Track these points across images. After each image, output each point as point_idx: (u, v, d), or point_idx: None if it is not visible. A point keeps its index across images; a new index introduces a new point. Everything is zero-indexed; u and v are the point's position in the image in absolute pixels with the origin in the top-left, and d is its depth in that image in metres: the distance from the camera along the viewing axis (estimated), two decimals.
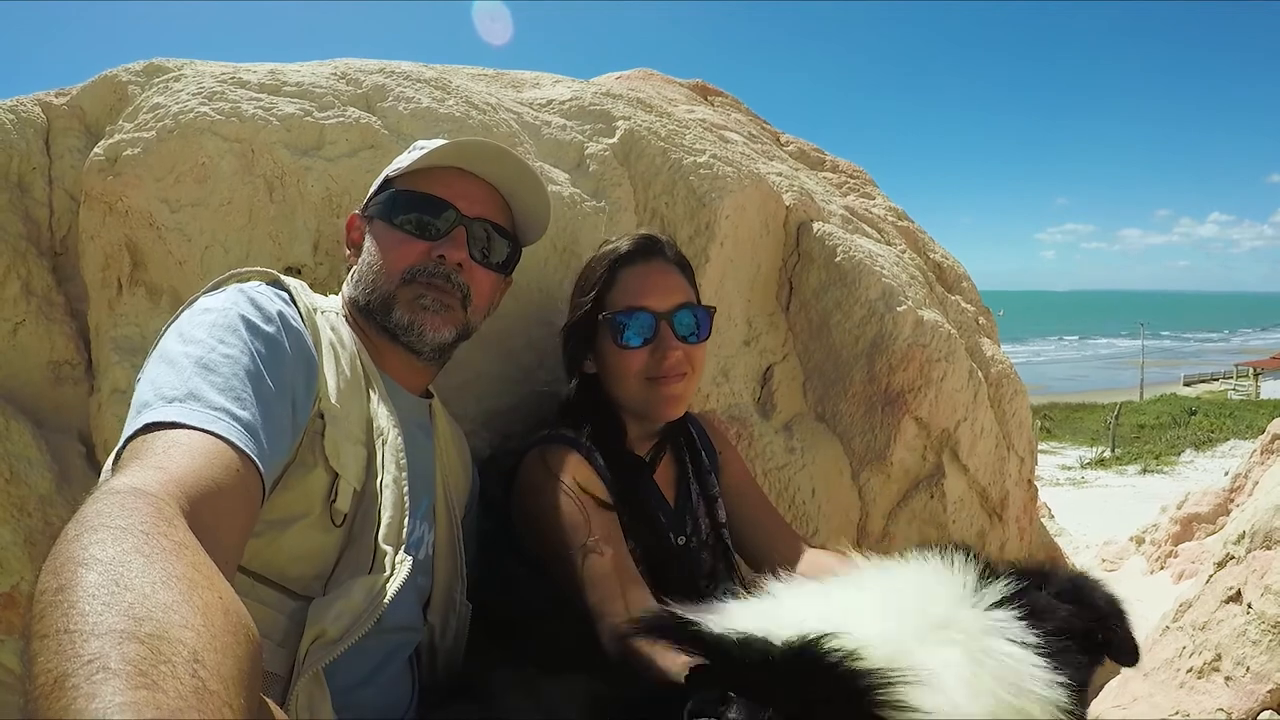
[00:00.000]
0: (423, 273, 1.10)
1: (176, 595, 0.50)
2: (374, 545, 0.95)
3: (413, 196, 1.13)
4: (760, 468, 1.84)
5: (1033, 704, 0.79)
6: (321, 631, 0.86)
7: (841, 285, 2.00)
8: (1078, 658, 1.13)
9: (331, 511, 0.94)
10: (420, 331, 1.09)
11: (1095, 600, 1.09)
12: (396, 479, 1.02)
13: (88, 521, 0.56)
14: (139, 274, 1.38)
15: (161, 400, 0.76)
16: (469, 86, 1.68)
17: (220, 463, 0.73)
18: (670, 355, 1.30)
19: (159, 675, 0.44)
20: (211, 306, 0.90)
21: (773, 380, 1.97)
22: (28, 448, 1.45)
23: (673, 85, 2.64)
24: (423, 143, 1.20)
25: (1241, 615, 1.75)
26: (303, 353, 0.95)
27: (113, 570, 0.50)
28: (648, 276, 1.33)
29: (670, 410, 1.34)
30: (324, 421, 0.95)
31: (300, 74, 1.51)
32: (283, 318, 0.94)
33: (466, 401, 1.42)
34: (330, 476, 0.95)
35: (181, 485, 0.66)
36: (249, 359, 0.85)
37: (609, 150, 1.77)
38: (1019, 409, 2.36)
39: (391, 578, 0.94)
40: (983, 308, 2.69)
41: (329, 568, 0.94)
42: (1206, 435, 16.72)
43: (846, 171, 2.87)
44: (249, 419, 0.79)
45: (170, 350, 0.84)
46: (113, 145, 1.37)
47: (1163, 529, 4.57)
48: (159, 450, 0.70)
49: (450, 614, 1.18)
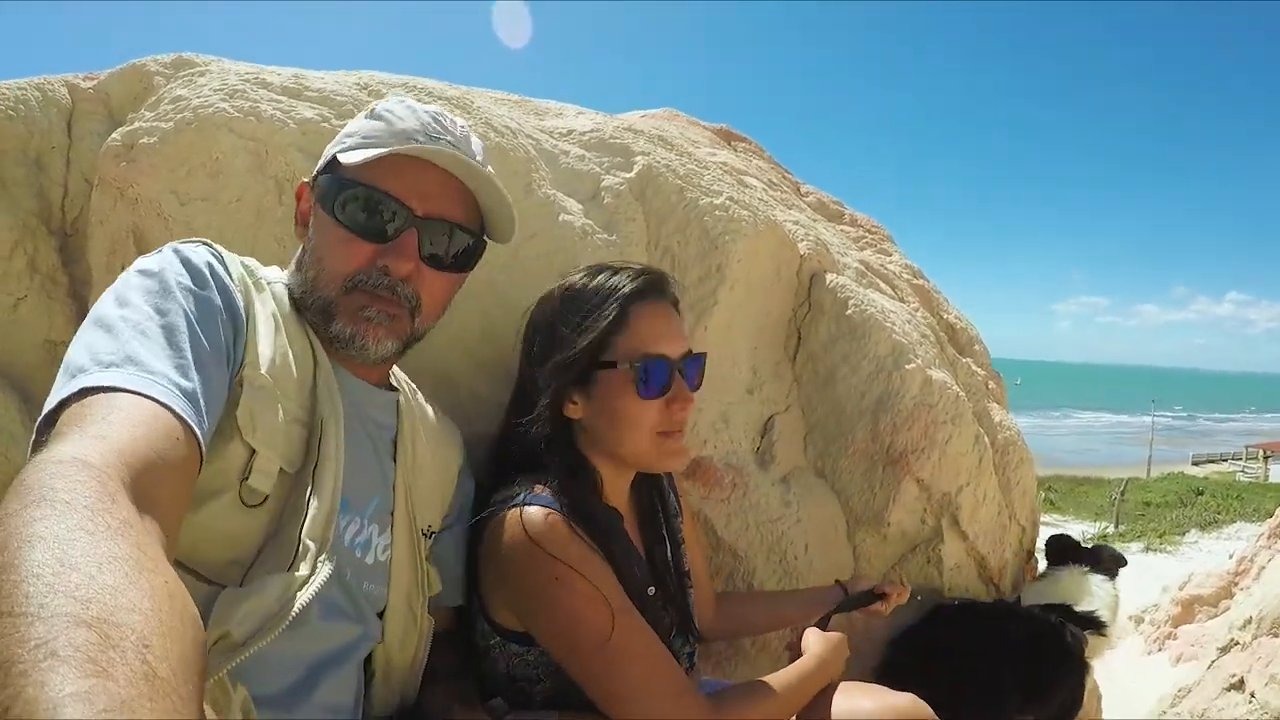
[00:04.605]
0: (366, 283, 1.00)
1: (122, 577, 0.48)
2: (297, 539, 0.88)
3: (359, 188, 1.00)
4: (753, 519, 1.79)
5: None
6: (225, 633, 0.78)
7: (851, 339, 1.97)
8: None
9: (243, 490, 0.87)
10: (363, 344, 1.01)
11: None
12: (334, 469, 0.94)
13: (30, 493, 0.54)
14: None
15: (98, 365, 0.73)
16: (490, 109, 1.68)
17: (161, 430, 0.69)
18: (687, 408, 1.22)
19: (108, 661, 0.42)
20: (147, 269, 0.86)
21: (774, 431, 1.92)
22: (13, 422, 1.45)
23: (696, 127, 2.64)
24: (383, 107, 1.06)
25: (1244, 704, 1.68)
26: (233, 314, 0.90)
27: (58, 549, 0.48)
28: (660, 319, 1.22)
29: (676, 465, 1.27)
30: (241, 390, 0.88)
31: (324, 81, 1.51)
32: (215, 275, 0.90)
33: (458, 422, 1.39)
34: (247, 451, 0.87)
35: (123, 455, 0.63)
36: (184, 322, 0.81)
37: (625, 184, 1.76)
38: (1024, 478, 2.31)
39: (311, 579, 0.86)
40: (993, 372, 2.65)
41: (249, 555, 0.87)
42: (1212, 516, 16.50)
43: (865, 226, 2.85)
44: (189, 387, 0.76)
45: (107, 314, 0.80)
46: (130, 132, 1.37)
47: (1163, 609, 4.48)
48: (99, 416, 0.67)
49: (410, 628, 1.09)
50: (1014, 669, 1.87)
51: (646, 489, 1.38)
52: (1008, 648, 1.87)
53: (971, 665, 1.82)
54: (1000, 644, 1.87)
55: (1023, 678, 1.88)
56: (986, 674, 1.83)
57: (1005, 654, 1.87)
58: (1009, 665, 1.87)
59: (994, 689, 1.83)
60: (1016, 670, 1.88)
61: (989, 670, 1.84)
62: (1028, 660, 1.90)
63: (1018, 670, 1.88)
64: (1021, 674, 1.88)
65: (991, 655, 1.85)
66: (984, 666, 1.83)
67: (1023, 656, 1.89)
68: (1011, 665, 1.87)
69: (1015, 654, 1.88)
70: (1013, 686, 1.87)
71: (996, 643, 1.87)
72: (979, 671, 1.82)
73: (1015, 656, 1.88)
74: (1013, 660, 1.88)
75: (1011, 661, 1.87)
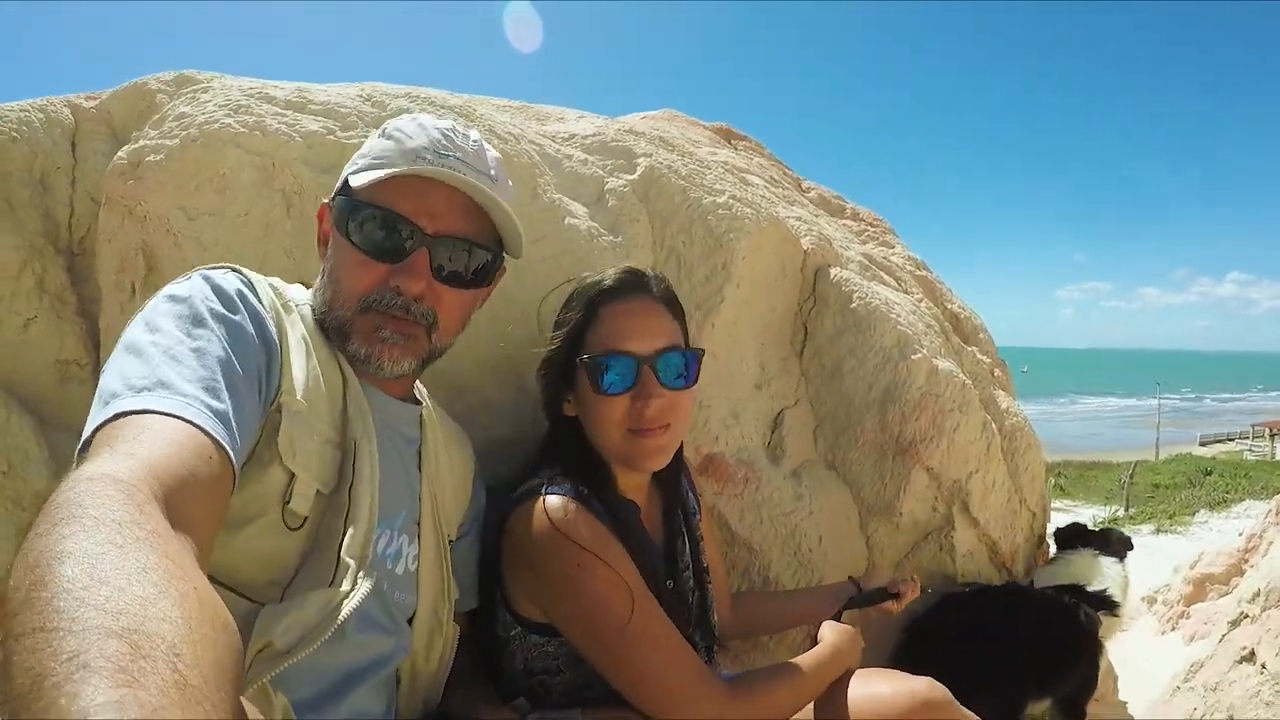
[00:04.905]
0: (380, 302, 1.01)
1: (152, 588, 0.49)
2: (336, 557, 0.90)
3: (370, 209, 1.01)
4: (767, 513, 1.80)
5: None
6: (268, 643, 0.80)
7: (856, 331, 1.98)
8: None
9: (285, 513, 0.89)
10: (379, 364, 1.02)
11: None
12: (370, 488, 0.96)
13: (60, 512, 0.54)
14: (153, 279, 1.38)
15: (130, 390, 0.74)
16: (493, 116, 1.69)
17: (192, 448, 0.70)
18: (651, 404, 1.19)
19: (139, 671, 0.43)
20: (177, 295, 0.87)
21: (784, 425, 1.93)
22: (28, 442, 1.46)
23: (697, 127, 2.65)
24: (393, 126, 1.07)
25: (1255, 676, 1.69)
26: (265, 340, 0.91)
27: (87, 563, 0.49)
28: (631, 316, 1.22)
29: (652, 463, 1.25)
30: (280, 417, 0.90)
31: (327, 94, 1.52)
32: (246, 302, 0.91)
33: (471, 428, 1.40)
34: (286, 475, 0.89)
35: (154, 470, 0.64)
36: (218, 347, 0.83)
37: (629, 186, 1.77)
38: (1032, 463, 2.32)
39: (352, 593, 0.88)
40: (998, 360, 2.66)
41: (288, 575, 0.89)
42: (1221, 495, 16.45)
43: (866, 219, 2.86)
44: (221, 408, 0.77)
45: (137, 341, 0.81)
46: (136, 150, 1.38)
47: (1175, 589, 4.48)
48: (130, 436, 0.68)
49: (435, 635, 1.11)
50: (1028, 650, 1.88)
51: (666, 486, 1.39)
52: (1022, 630, 1.88)
53: (986, 648, 1.83)
54: (1014, 626, 1.88)
55: (1037, 659, 1.89)
56: (1001, 657, 1.84)
57: (1019, 636, 1.88)
58: (1023, 647, 1.88)
59: (1009, 671, 1.84)
60: (1031, 652, 1.89)
61: (1003, 653, 1.85)
62: (1042, 641, 1.91)
63: (1032, 652, 1.89)
64: (1036, 655, 1.89)
65: (1005, 638, 1.86)
66: (998, 649, 1.84)
67: (1037, 638, 1.90)
68: (1026, 647, 1.88)
69: (1029, 636, 1.89)
70: (1027, 668, 1.88)
71: (1010, 625, 1.88)
72: (993, 654, 1.83)
73: (1029, 638, 1.89)
74: (1027, 642, 1.88)
75: (1026, 643, 1.88)
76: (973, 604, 1.92)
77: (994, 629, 1.87)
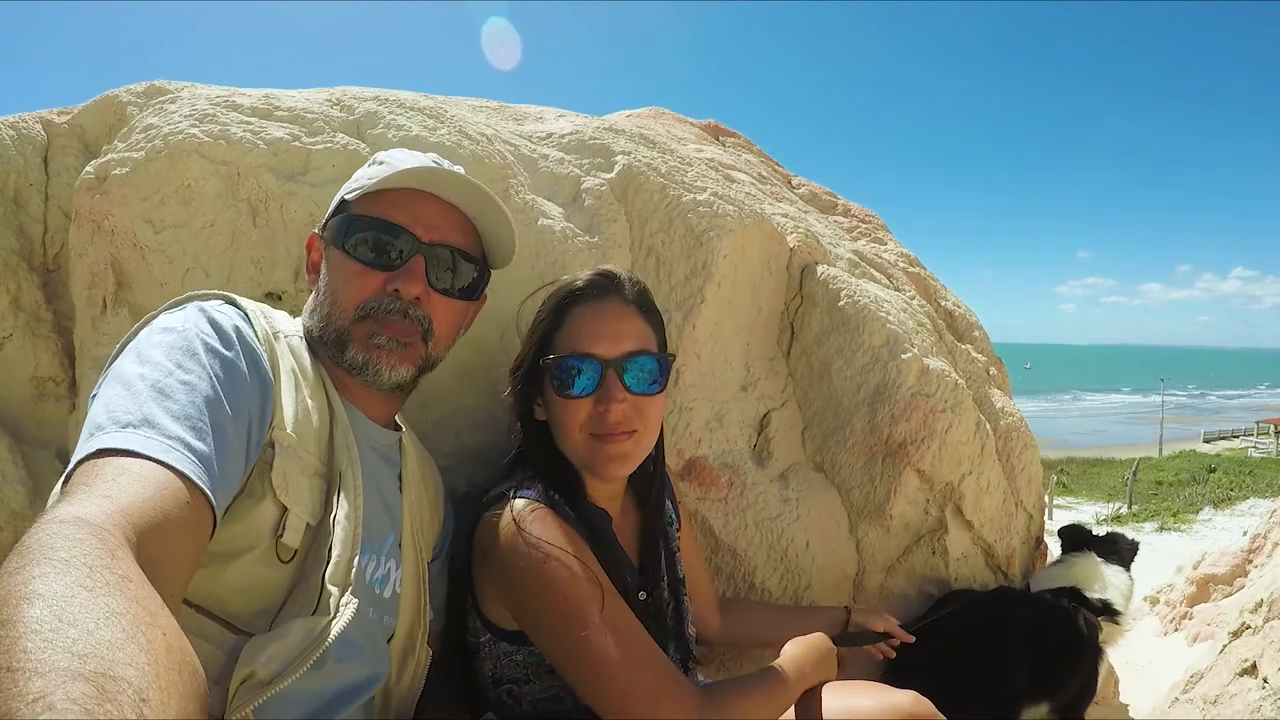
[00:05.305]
0: (378, 309, 1.04)
1: (120, 632, 0.49)
2: (320, 585, 0.90)
3: (367, 222, 1.06)
4: (752, 518, 1.77)
5: None
6: (251, 673, 0.81)
7: (844, 330, 1.95)
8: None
9: (278, 547, 0.90)
10: (376, 371, 1.04)
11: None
12: (350, 516, 0.96)
13: (31, 553, 0.54)
14: (123, 294, 1.37)
15: (115, 425, 0.74)
16: (465, 117, 1.66)
17: (170, 494, 0.70)
18: (613, 409, 1.17)
19: (104, 715, 0.43)
20: (171, 326, 0.88)
21: (770, 427, 1.90)
22: (3, 461, 1.46)
23: (684, 124, 2.63)
24: (383, 155, 1.14)
25: (1257, 690, 1.64)
26: (260, 377, 0.91)
27: (56, 605, 0.49)
28: (599, 318, 1.20)
29: (614, 470, 1.22)
30: (274, 452, 0.90)
31: (295, 99, 1.50)
32: (241, 338, 0.91)
33: (445, 436, 1.37)
34: (278, 510, 0.90)
35: (128, 515, 0.64)
36: (207, 384, 0.82)
37: (606, 185, 1.74)
38: (1029, 463, 2.28)
39: (334, 620, 0.89)
40: (994, 358, 2.62)
41: (276, 605, 0.90)
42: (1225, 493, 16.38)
43: (858, 216, 2.83)
44: (204, 450, 0.77)
45: (126, 371, 0.82)
46: (103, 164, 1.37)
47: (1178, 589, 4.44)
48: (108, 478, 0.68)
49: (409, 657, 1.12)
50: (1023, 657, 1.84)
51: (641, 497, 1.36)
52: (1016, 636, 1.84)
53: (979, 656, 1.79)
54: (1008, 633, 1.84)
55: (1033, 666, 1.85)
56: (995, 664, 1.80)
57: (1013, 643, 1.83)
58: (1017, 654, 1.83)
59: (1002, 679, 1.80)
60: (1026, 659, 1.84)
61: (997, 660, 1.80)
62: (1038, 648, 1.86)
63: (1027, 658, 1.84)
64: (1031, 662, 1.84)
65: (999, 645, 1.82)
66: (992, 657, 1.80)
67: (1032, 644, 1.85)
68: (1020, 654, 1.83)
69: (1024, 642, 1.85)
70: (1021, 675, 1.83)
71: (1004, 632, 1.83)
72: (987, 662, 1.79)
73: (1024, 645, 1.84)
74: (1022, 649, 1.84)
75: (1020, 650, 1.84)
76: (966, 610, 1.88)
77: (987, 636, 1.82)
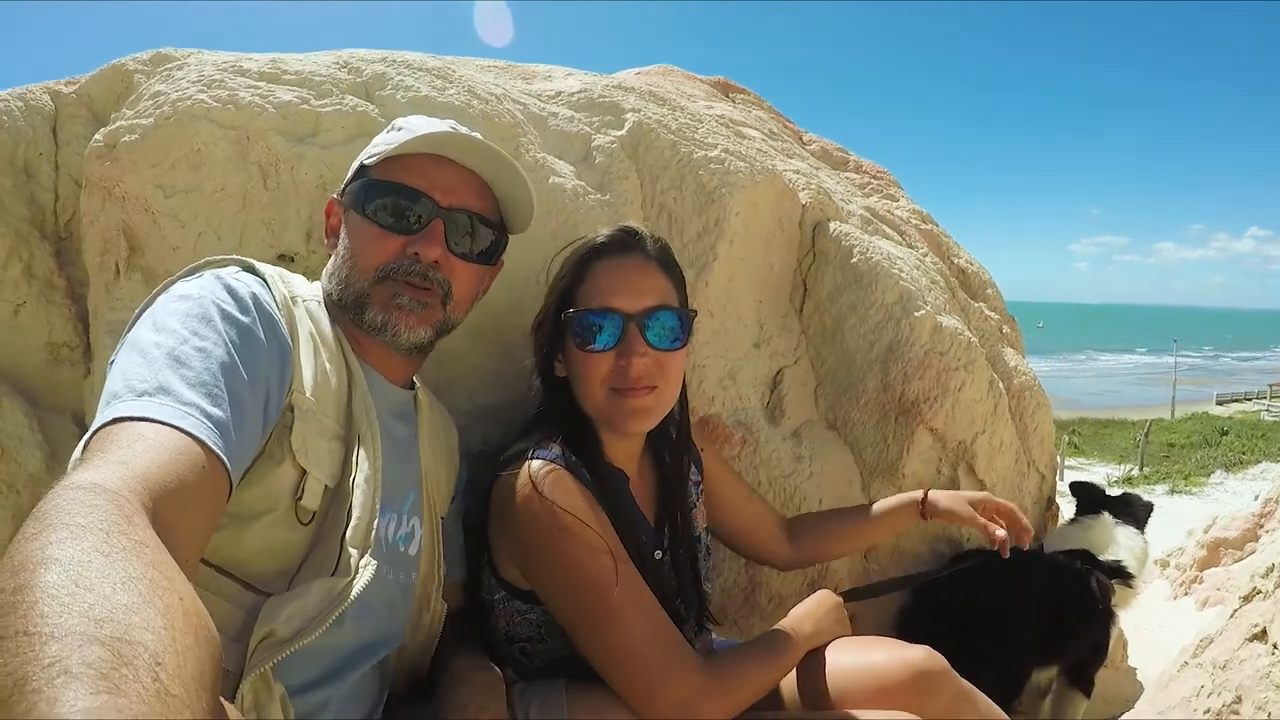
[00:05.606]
0: (398, 270, 1.04)
1: (137, 596, 0.49)
2: (339, 546, 0.91)
3: (386, 186, 1.06)
4: (765, 475, 1.78)
5: None
6: (270, 631, 0.83)
7: (857, 287, 1.94)
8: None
9: (298, 509, 0.91)
10: (395, 331, 1.05)
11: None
12: (370, 478, 0.97)
13: (47, 519, 0.54)
14: (135, 259, 1.38)
15: (131, 393, 0.74)
16: (474, 77, 1.65)
17: (186, 459, 0.70)
18: (635, 363, 1.17)
19: (120, 679, 0.43)
20: (187, 293, 0.88)
21: (783, 385, 1.90)
22: (20, 426, 1.47)
23: (693, 81, 2.59)
24: (401, 121, 1.14)
25: (1266, 656, 1.64)
26: (278, 342, 0.92)
27: (72, 570, 0.49)
28: (621, 273, 1.20)
29: (634, 425, 1.21)
30: (294, 415, 0.91)
31: (302, 63, 1.49)
32: (258, 305, 0.91)
33: (459, 395, 1.38)
34: (298, 472, 0.91)
35: (144, 481, 0.64)
36: (223, 350, 0.82)
37: (616, 142, 1.72)
38: (1041, 423, 2.27)
39: (354, 580, 0.90)
40: (1007, 316, 2.60)
41: (294, 565, 0.91)
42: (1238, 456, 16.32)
43: (870, 172, 2.79)
44: (220, 416, 0.77)
45: (142, 339, 0.82)
46: (112, 131, 1.37)
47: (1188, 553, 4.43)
48: (124, 444, 0.68)
49: (424, 611, 1.14)
50: (1033, 619, 1.83)
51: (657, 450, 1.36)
52: (1027, 598, 1.83)
53: (989, 617, 1.79)
54: (1019, 594, 1.83)
55: (1043, 627, 1.85)
56: (1004, 625, 1.79)
57: (1024, 604, 1.83)
58: (1028, 616, 1.83)
59: (1012, 640, 1.80)
60: (1036, 620, 1.84)
61: (1007, 621, 1.80)
62: (1048, 609, 1.86)
63: (1038, 620, 1.84)
64: (1041, 624, 1.84)
65: (1010, 606, 1.81)
66: (1002, 617, 1.80)
67: (1043, 606, 1.85)
68: (1030, 616, 1.83)
69: (1034, 604, 1.84)
70: (1031, 637, 1.83)
71: (1015, 593, 1.83)
72: (997, 623, 1.79)
73: (1034, 607, 1.84)
74: (1032, 610, 1.84)
75: (1030, 612, 1.83)
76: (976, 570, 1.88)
77: (997, 597, 1.82)
